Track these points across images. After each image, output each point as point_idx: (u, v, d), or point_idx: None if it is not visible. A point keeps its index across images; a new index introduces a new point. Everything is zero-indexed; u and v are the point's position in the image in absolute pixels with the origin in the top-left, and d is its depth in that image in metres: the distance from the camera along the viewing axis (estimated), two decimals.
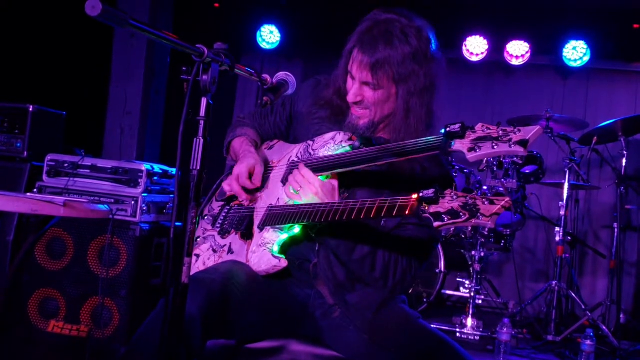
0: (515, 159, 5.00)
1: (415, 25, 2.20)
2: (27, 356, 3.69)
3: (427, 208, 1.74)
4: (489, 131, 1.81)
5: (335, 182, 2.21)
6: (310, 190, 2.14)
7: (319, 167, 2.22)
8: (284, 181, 2.34)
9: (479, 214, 1.65)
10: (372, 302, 2.21)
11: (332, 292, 2.25)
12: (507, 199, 1.64)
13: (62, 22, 5.54)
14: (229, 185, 2.41)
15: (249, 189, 2.37)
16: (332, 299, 2.26)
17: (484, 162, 5.08)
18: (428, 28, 2.24)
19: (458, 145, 1.86)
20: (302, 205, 2.12)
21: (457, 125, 1.87)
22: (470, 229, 5.14)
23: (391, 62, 2.15)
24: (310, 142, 2.36)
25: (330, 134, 2.31)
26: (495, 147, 1.79)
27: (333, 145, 2.28)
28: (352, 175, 2.25)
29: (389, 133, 2.33)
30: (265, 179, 2.42)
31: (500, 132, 1.79)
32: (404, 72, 2.17)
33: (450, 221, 1.69)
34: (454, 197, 1.71)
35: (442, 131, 1.90)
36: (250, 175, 2.36)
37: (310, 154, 2.33)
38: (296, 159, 2.36)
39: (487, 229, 5.03)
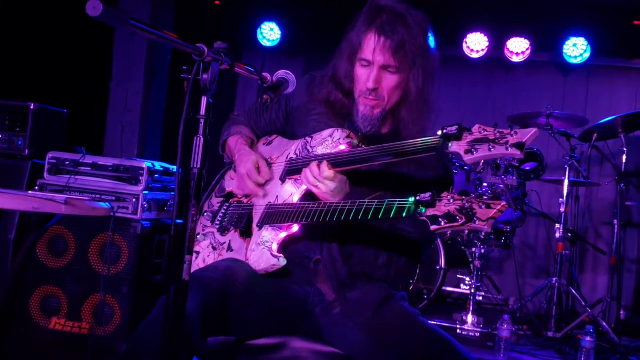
0: (512, 161, 5.01)
1: (413, 10, 2.26)
2: (29, 353, 3.70)
3: (423, 211, 1.75)
4: (485, 133, 1.81)
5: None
6: (330, 187, 2.12)
7: None
8: (284, 178, 2.35)
9: (475, 218, 1.66)
10: (373, 300, 2.22)
11: (334, 289, 2.26)
12: (504, 203, 1.65)
13: (63, 20, 5.54)
14: (241, 189, 2.42)
15: (261, 183, 2.38)
16: (333, 295, 2.27)
17: (482, 163, 5.09)
18: (422, 13, 2.29)
19: (455, 147, 1.86)
20: (300, 204, 2.13)
21: (454, 127, 1.87)
22: (466, 232, 5.16)
23: (410, 42, 2.19)
24: (309, 139, 2.36)
25: (328, 131, 2.31)
26: (492, 149, 1.78)
27: (331, 142, 2.27)
28: (350, 174, 2.25)
29: (390, 124, 2.35)
30: None
31: (497, 134, 1.79)
32: (419, 53, 2.22)
33: (447, 225, 1.70)
34: (451, 200, 1.72)
35: (439, 132, 1.91)
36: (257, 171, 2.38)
37: (308, 151, 2.33)
38: (295, 156, 2.37)
39: (483, 233, 5.04)
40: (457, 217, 1.68)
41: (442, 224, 1.70)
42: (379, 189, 2.25)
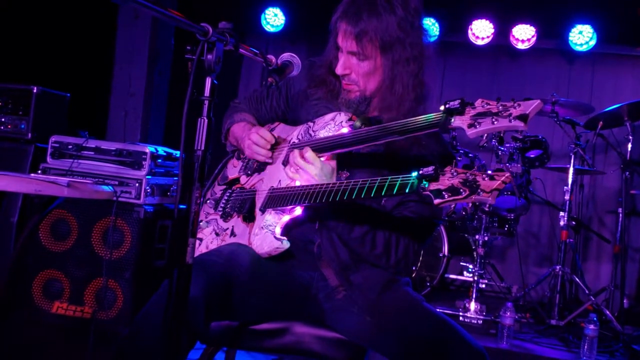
0: (516, 134, 4.99)
1: None
2: (31, 337, 3.71)
3: (427, 185, 1.73)
4: (488, 107, 1.80)
5: (334, 164, 2.21)
6: (311, 171, 2.14)
7: (319, 148, 2.21)
8: (285, 163, 2.33)
9: (479, 190, 1.64)
10: (376, 283, 2.20)
11: (336, 273, 2.24)
12: (508, 174, 1.63)
13: (66, 3, 5.52)
14: (253, 153, 2.39)
15: (272, 142, 2.37)
16: (337, 280, 2.25)
17: (484, 137, 5.05)
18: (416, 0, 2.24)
19: (458, 121, 1.85)
20: (303, 186, 2.12)
21: (457, 102, 1.86)
22: (470, 205, 5.13)
23: (375, 30, 2.16)
24: (311, 124, 2.35)
25: (331, 115, 2.30)
26: (495, 122, 1.77)
27: (333, 125, 2.27)
28: (351, 156, 2.24)
29: (379, 108, 2.31)
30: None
31: (500, 107, 1.78)
32: (388, 40, 2.17)
33: (451, 198, 1.67)
34: (454, 173, 1.70)
35: (442, 108, 1.89)
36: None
37: (310, 135, 2.32)
38: (297, 141, 2.36)
39: (487, 205, 5.02)
40: (461, 190, 1.66)
41: (446, 197, 1.68)
42: (382, 169, 2.24)
